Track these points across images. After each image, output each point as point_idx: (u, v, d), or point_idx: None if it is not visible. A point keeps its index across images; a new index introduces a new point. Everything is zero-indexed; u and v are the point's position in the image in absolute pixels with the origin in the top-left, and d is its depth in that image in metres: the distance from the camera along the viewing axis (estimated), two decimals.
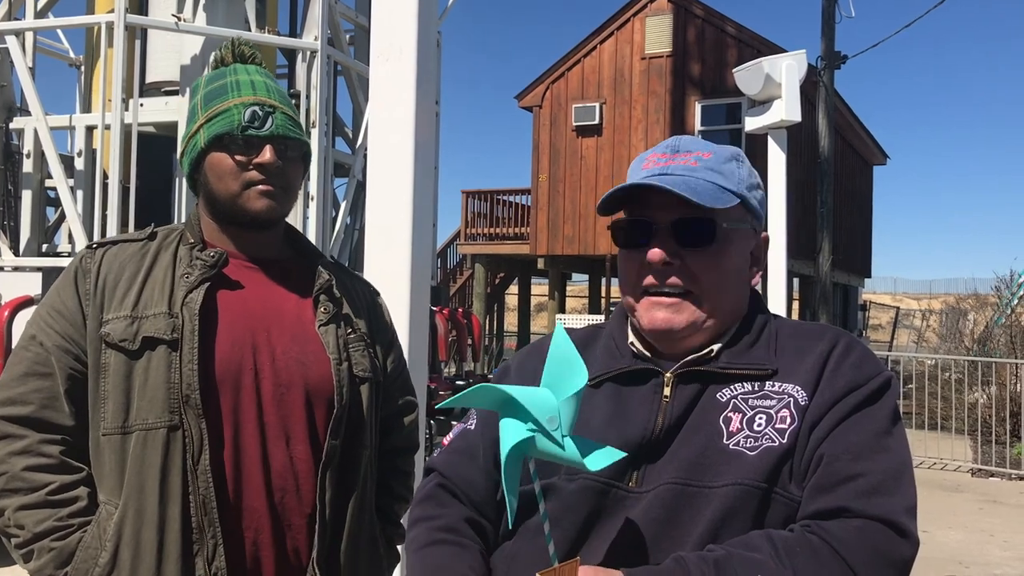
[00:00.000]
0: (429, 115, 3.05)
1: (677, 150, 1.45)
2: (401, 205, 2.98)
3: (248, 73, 1.80)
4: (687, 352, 1.43)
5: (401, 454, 2.00)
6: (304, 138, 1.82)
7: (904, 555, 1.25)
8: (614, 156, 18.82)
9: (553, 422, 1.21)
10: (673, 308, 1.40)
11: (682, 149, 1.45)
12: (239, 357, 1.70)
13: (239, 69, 1.81)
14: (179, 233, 1.81)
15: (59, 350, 1.69)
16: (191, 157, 1.77)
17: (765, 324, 1.46)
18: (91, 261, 1.75)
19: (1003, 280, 15.57)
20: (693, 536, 1.28)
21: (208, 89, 1.79)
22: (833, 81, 16.05)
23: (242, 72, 1.80)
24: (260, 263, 1.81)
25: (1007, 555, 6.80)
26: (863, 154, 25.43)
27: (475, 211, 21.62)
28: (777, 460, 1.30)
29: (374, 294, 2.04)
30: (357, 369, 1.80)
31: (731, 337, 1.44)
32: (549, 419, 1.21)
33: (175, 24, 7.03)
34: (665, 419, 1.37)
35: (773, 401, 1.35)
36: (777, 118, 8.01)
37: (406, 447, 2.02)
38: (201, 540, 1.62)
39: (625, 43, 18.96)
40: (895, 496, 1.27)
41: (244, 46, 1.87)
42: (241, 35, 1.91)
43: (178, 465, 1.63)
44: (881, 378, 1.37)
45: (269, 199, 1.74)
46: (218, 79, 1.80)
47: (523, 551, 1.38)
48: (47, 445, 1.65)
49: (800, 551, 1.22)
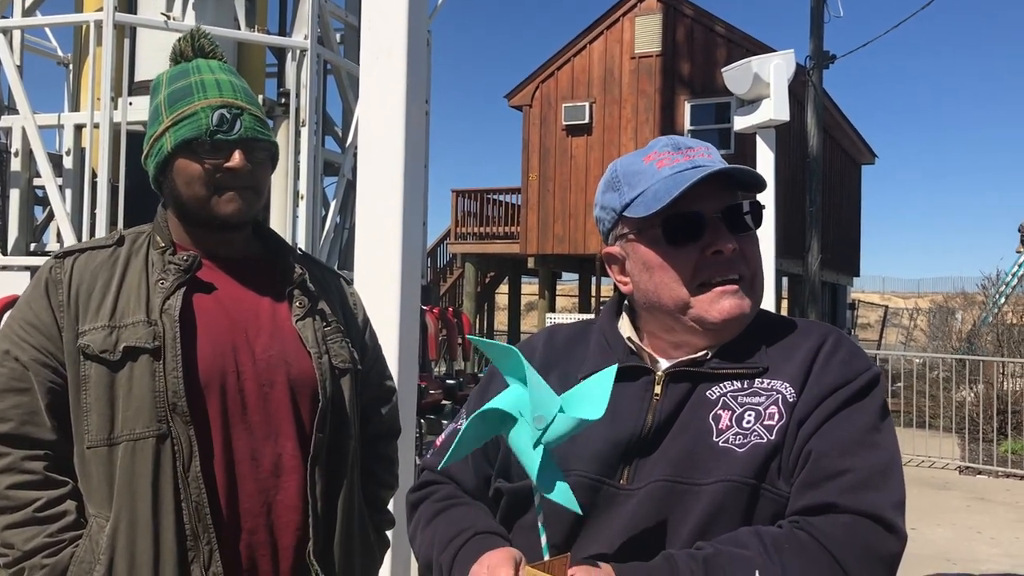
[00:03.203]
0: (419, 114, 3.06)
1: (679, 147, 1.45)
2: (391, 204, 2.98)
3: (212, 71, 1.76)
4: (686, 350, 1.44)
5: (383, 440, 2.01)
6: (272, 138, 1.80)
7: (892, 550, 1.26)
8: (604, 155, 18.84)
9: (541, 422, 1.22)
10: (738, 294, 1.41)
11: (683, 145, 1.45)
12: (221, 360, 1.69)
13: (202, 66, 1.77)
14: (147, 236, 1.78)
15: (36, 364, 1.66)
16: (157, 160, 1.73)
17: (755, 321, 1.46)
18: (61, 271, 1.72)
19: (990, 279, 15.67)
20: (683, 533, 1.29)
21: (172, 89, 1.75)
22: (822, 81, 16.11)
23: (206, 70, 1.76)
24: (230, 262, 1.80)
25: (995, 552, 6.85)
26: (851, 153, 25.52)
27: (465, 210, 21.62)
28: (765, 456, 1.30)
29: (344, 283, 2.03)
30: (337, 361, 1.80)
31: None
32: (538, 417, 1.22)
33: (164, 22, 7.02)
34: (655, 417, 1.37)
35: (762, 398, 1.35)
36: (766, 117, 8.03)
37: (387, 432, 2.03)
38: (196, 547, 1.62)
39: (615, 42, 18.98)
40: (883, 491, 1.28)
41: (204, 39, 1.82)
42: (200, 28, 1.86)
43: (169, 473, 1.62)
44: (869, 374, 1.37)
45: (239, 203, 1.72)
46: (181, 78, 1.76)
47: (519, 547, 1.38)
48: (30, 462, 1.63)
49: (788, 547, 1.23)
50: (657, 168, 1.43)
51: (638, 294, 1.48)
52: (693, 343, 1.44)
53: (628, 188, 1.45)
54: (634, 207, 1.43)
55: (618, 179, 1.47)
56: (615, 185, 1.48)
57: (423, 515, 1.51)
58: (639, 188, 1.43)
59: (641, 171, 1.45)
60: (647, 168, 1.44)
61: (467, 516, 1.45)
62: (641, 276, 1.46)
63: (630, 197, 1.44)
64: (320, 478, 1.74)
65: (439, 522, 1.46)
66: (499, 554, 1.29)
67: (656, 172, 1.42)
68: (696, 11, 18.28)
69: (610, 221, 1.49)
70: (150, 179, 1.80)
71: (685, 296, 1.41)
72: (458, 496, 1.52)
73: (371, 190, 3.06)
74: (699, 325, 1.41)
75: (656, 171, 1.43)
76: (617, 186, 1.47)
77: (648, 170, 1.44)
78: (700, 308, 1.41)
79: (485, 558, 1.29)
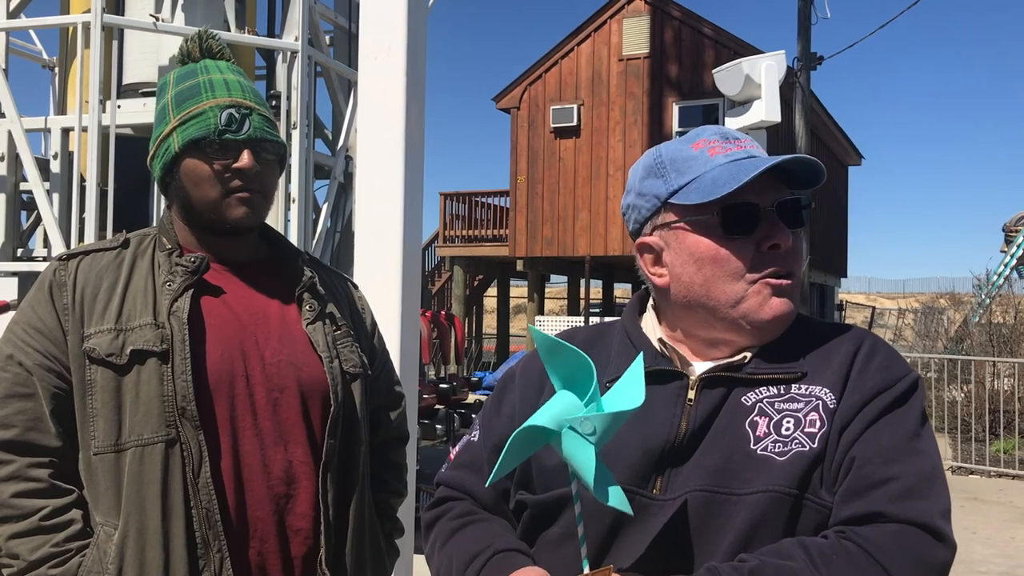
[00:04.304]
0: (419, 113, 3.02)
1: (727, 136, 1.39)
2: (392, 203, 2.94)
3: (220, 71, 1.73)
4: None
5: (393, 447, 1.97)
6: (281, 139, 1.76)
7: (942, 559, 1.21)
8: (592, 158, 18.84)
9: (587, 426, 1.18)
10: (788, 293, 1.36)
11: (732, 135, 1.39)
12: (230, 364, 1.65)
13: (210, 66, 1.74)
14: (153, 238, 1.75)
15: (40, 369, 1.62)
16: (163, 161, 1.70)
17: (792, 325, 1.40)
18: (65, 273, 1.68)
19: (980, 279, 15.76)
20: (723, 545, 1.24)
21: (179, 88, 1.72)
22: (809, 82, 16.15)
23: (214, 70, 1.73)
24: (239, 265, 1.76)
25: (990, 552, 6.84)
26: (838, 154, 25.62)
27: (453, 213, 21.59)
28: (808, 465, 1.25)
29: (352, 288, 2.00)
30: (348, 365, 1.76)
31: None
32: (583, 422, 1.18)
33: (153, 24, 6.95)
34: (689, 424, 1.32)
35: (800, 404, 1.30)
36: (757, 118, 8.04)
37: (397, 438, 1.99)
38: (207, 555, 1.57)
39: (603, 45, 19.00)
40: (929, 499, 1.23)
41: (212, 39, 1.79)
42: (207, 29, 1.82)
43: (178, 480, 1.57)
44: (909, 379, 1.33)
45: (248, 206, 1.68)
46: (189, 78, 1.73)
47: (544, 562, 1.33)
48: (35, 469, 1.59)
49: (836, 559, 1.18)
50: (709, 156, 1.36)
51: (678, 287, 1.40)
52: (733, 342, 1.38)
53: (676, 174, 1.38)
54: (685, 193, 1.36)
55: (663, 165, 1.40)
56: (659, 171, 1.40)
57: (439, 535, 1.46)
58: (690, 174, 1.36)
59: (691, 157, 1.38)
60: (698, 155, 1.37)
61: (486, 534, 1.40)
62: (686, 268, 1.38)
63: (679, 183, 1.37)
64: (332, 485, 1.69)
65: (456, 541, 1.41)
66: (529, 572, 1.25)
67: (709, 159, 1.36)
68: (684, 13, 18.31)
69: (649, 209, 1.41)
70: (156, 180, 1.76)
71: (739, 291, 1.34)
72: (475, 512, 1.46)
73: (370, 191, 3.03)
74: (747, 323, 1.35)
75: (709, 158, 1.36)
76: (662, 172, 1.40)
77: (699, 157, 1.37)
78: (751, 304, 1.34)
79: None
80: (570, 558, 1.28)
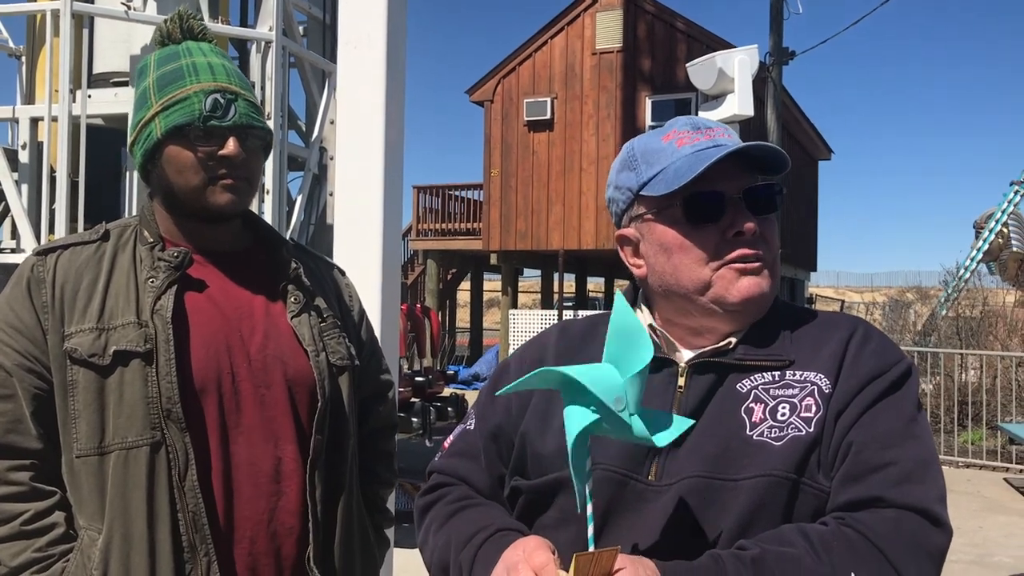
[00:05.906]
0: (399, 103, 3.01)
1: (698, 126, 1.40)
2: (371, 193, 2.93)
3: (204, 54, 1.67)
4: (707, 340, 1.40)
5: (382, 435, 1.94)
6: (267, 126, 1.72)
7: (940, 545, 1.23)
8: (566, 151, 18.85)
9: (620, 402, 1.16)
10: (757, 275, 1.37)
11: (703, 125, 1.41)
12: (215, 362, 1.61)
13: (193, 49, 1.68)
14: (134, 230, 1.69)
15: (20, 369, 1.57)
16: (145, 147, 1.63)
17: (779, 312, 1.42)
18: (44, 269, 1.61)
19: (950, 272, 15.96)
20: (722, 530, 1.24)
21: (161, 72, 1.65)
22: (781, 77, 16.25)
23: (197, 52, 1.67)
24: (221, 256, 1.71)
25: (959, 541, 6.93)
26: (808, 149, 25.83)
27: (426, 206, 21.53)
28: (805, 449, 1.26)
29: (339, 274, 1.95)
30: (334, 358, 1.72)
31: (749, 327, 1.40)
32: (616, 399, 1.16)
33: (125, 12, 6.85)
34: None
35: (795, 390, 1.31)
36: (730, 112, 8.09)
37: (386, 426, 1.96)
38: (194, 559, 1.54)
39: (576, 38, 19.00)
40: (926, 484, 1.25)
41: (193, 20, 1.73)
42: (187, 9, 1.76)
43: (164, 483, 1.53)
44: (903, 365, 1.34)
45: (233, 193, 1.63)
46: (171, 60, 1.66)
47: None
48: (16, 472, 1.55)
49: (836, 545, 1.18)
50: (677, 147, 1.38)
51: (653, 277, 1.43)
52: (712, 327, 1.39)
53: (646, 167, 1.40)
54: (653, 185, 1.38)
55: (635, 158, 1.42)
56: (631, 164, 1.43)
57: (435, 518, 1.45)
58: (658, 166, 1.38)
59: (660, 149, 1.40)
60: (666, 147, 1.40)
61: (486, 515, 1.40)
62: (658, 258, 1.41)
63: (648, 176, 1.39)
64: (320, 481, 1.66)
65: (454, 523, 1.40)
66: (534, 540, 1.25)
67: (676, 151, 1.38)
68: (657, 7, 18.35)
69: (625, 202, 1.44)
70: (136, 167, 1.70)
71: (705, 277, 1.36)
72: (472, 497, 1.46)
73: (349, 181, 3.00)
74: (718, 306, 1.37)
75: (676, 149, 1.38)
76: (634, 165, 1.42)
77: (667, 148, 1.39)
78: (719, 288, 1.36)
79: (520, 543, 1.24)
80: (567, 542, 1.27)
